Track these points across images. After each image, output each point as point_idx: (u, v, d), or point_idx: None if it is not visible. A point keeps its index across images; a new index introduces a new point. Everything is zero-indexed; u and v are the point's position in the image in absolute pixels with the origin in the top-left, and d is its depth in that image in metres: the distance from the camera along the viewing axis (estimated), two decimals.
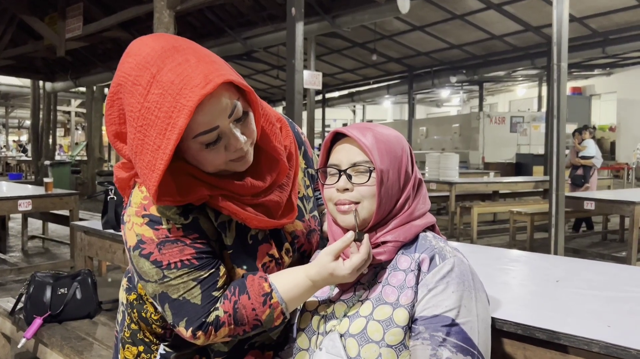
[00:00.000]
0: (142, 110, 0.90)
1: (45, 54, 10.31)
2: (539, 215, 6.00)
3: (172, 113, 0.88)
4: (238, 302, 1.00)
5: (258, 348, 1.14)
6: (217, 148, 0.95)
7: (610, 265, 1.83)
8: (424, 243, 1.03)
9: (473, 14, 9.71)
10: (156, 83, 0.89)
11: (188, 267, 0.99)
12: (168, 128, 0.89)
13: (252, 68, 14.35)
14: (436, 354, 0.93)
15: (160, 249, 0.99)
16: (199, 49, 0.95)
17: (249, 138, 0.99)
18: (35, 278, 2.59)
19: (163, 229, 0.99)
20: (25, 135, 29.16)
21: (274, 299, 1.00)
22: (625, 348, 1.03)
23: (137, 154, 0.94)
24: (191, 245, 1.00)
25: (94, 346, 2.30)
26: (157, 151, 0.90)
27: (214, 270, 1.01)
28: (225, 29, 8.91)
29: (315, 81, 7.42)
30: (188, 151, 0.96)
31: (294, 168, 1.11)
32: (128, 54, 0.94)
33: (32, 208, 4.60)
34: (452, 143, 16.52)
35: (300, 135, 1.24)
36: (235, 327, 1.00)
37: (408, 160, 1.06)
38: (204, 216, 1.03)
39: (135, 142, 0.93)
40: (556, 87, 4.57)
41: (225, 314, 0.99)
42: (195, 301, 0.99)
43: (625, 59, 14.22)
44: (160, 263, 0.99)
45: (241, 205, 1.01)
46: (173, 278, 0.99)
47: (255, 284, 1.01)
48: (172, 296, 0.99)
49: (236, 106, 0.95)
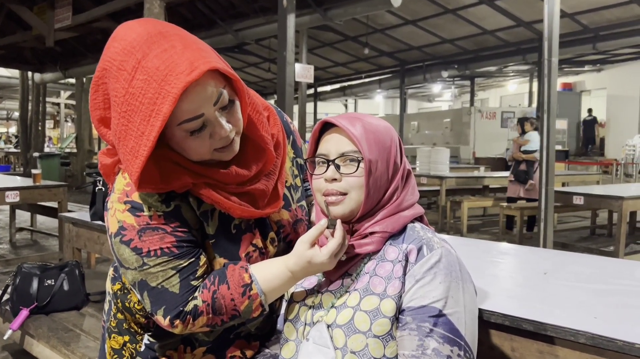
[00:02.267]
0: (126, 95, 0.89)
1: (34, 44, 10.17)
2: (528, 210, 6.04)
3: (156, 100, 0.87)
4: (217, 292, 0.99)
5: (244, 338, 1.13)
6: (202, 136, 0.94)
7: (598, 258, 1.84)
8: (412, 234, 1.02)
9: (465, 9, 9.71)
10: (141, 69, 0.88)
11: (168, 255, 0.98)
12: (152, 115, 0.88)
13: (244, 60, 14.28)
14: (423, 344, 0.93)
15: (140, 236, 0.98)
16: (185, 35, 0.94)
17: (235, 127, 0.98)
18: (21, 269, 2.57)
19: (144, 216, 0.98)
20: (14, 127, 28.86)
21: (254, 291, 1.00)
22: (611, 339, 1.04)
23: (121, 140, 0.93)
24: (172, 233, 0.99)
25: (81, 337, 2.29)
26: (141, 137, 0.89)
27: (194, 259, 1.00)
28: (216, 21, 8.84)
29: (307, 74, 7.41)
30: (173, 138, 0.95)
31: (281, 157, 1.10)
32: (114, 38, 0.93)
33: (19, 200, 4.55)
34: (443, 137, 16.55)
35: (289, 125, 1.23)
36: (214, 316, 1.00)
37: (397, 150, 1.06)
38: (186, 204, 1.02)
39: (119, 128, 0.92)
40: (547, 83, 4.59)
41: (203, 304, 0.99)
42: (174, 290, 0.98)
43: (616, 55, 14.34)
44: (140, 250, 0.98)
45: (225, 194, 1.00)
46: (152, 266, 0.98)
47: (235, 274, 1.01)
48: (151, 284, 0.99)
49: (222, 94, 0.94)
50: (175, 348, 1.12)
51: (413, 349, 0.94)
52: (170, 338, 1.11)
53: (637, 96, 16.87)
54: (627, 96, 17.05)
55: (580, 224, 7.78)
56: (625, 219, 4.86)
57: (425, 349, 0.93)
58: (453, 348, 0.93)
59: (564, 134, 15.72)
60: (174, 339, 1.11)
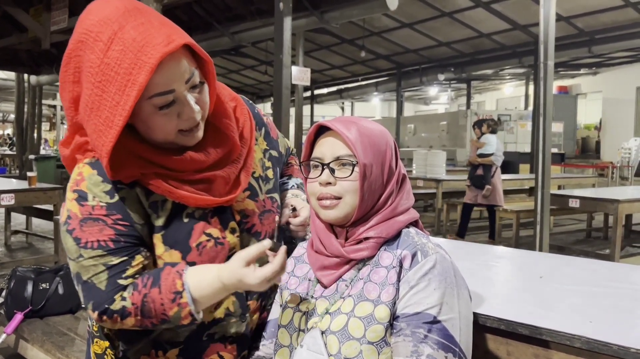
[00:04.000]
0: (101, 66, 0.90)
1: (30, 47, 10.15)
2: (524, 213, 6.05)
3: (132, 70, 0.88)
4: (147, 295, 0.98)
5: (219, 341, 1.10)
6: (170, 113, 0.95)
7: (593, 261, 1.84)
8: (407, 239, 1.02)
9: (461, 12, 9.73)
10: (117, 40, 0.89)
11: (103, 249, 0.98)
12: (128, 85, 0.89)
13: (241, 63, 14.28)
14: (417, 350, 0.93)
15: (82, 226, 0.98)
16: (160, 15, 0.97)
17: (202, 110, 0.99)
18: (16, 273, 2.56)
19: (88, 206, 0.98)
20: (10, 129, 28.77)
21: (184, 299, 0.98)
22: (607, 343, 1.03)
23: (93, 111, 0.93)
24: (112, 226, 0.98)
25: (75, 341, 2.28)
26: (116, 107, 0.90)
27: (127, 257, 0.99)
28: (212, 23, 8.83)
29: (304, 77, 7.40)
30: (140, 114, 0.95)
31: (246, 146, 1.10)
32: (89, 11, 0.94)
33: (14, 203, 4.53)
34: (439, 140, 16.58)
35: (261, 117, 1.23)
36: (142, 319, 0.99)
37: (392, 155, 1.05)
38: (133, 196, 1.01)
39: (92, 99, 0.92)
40: (542, 86, 4.60)
41: (132, 306, 0.98)
42: (100, 286, 0.98)
43: (611, 59, 14.38)
44: (79, 240, 0.98)
45: (176, 184, 1.00)
46: (86, 258, 0.98)
47: (169, 279, 0.99)
48: (83, 278, 0.99)
49: (194, 73, 0.96)
50: (147, 352, 1.10)
51: (407, 355, 0.93)
52: (138, 343, 1.09)
53: (633, 99, 16.95)
54: (622, 99, 17.12)
55: (577, 227, 7.81)
56: (621, 222, 4.87)
57: (420, 356, 0.92)
58: (447, 354, 0.93)
59: (560, 137, 15.77)
60: (142, 344, 1.09)
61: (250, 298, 1.13)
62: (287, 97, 5.32)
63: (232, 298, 1.09)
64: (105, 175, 0.99)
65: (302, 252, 1.16)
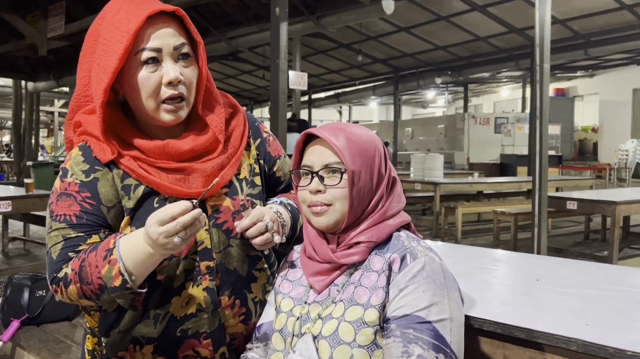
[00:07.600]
0: (109, 26, 1.03)
1: (27, 53, 10.14)
2: (522, 215, 6.05)
3: (128, 22, 1.01)
4: (85, 260, 1.01)
5: (193, 337, 1.10)
6: (155, 71, 1.03)
7: (590, 263, 1.84)
8: (397, 243, 1.02)
9: (458, 16, 9.76)
10: (126, 7, 1.03)
11: (66, 222, 1.04)
12: (124, 35, 1.01)
13: (238, 68, 14.31)
14: (407, 351, 0.93)
15: (57, 200, 1.06)
16: None
17: (187, 86, 1.05)
18: (12, 280, 2.55)
19: (66, 181, 1.07)
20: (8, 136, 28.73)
21: (113, 256, 0.99)
22: (603, 346, 1.03)
23: (99, 65, 1.03)
24: (79, 202, 1.05)
25: (72, 348, 2.27)
26: (113, 54, 1.01)
27: (83, 234, 1.04)
28: (209, 29, 8.85)
29: (301, 81, 7.41)
30: (127, 72, 1.03)
31: (235, 147, 1.15)
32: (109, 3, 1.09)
33: (12, 209, 4.52)
34: (437, 143, 16.61)
35: (260, 130, 1.26)
36: (82, 285, 1.01)
37: (381, 159, 1.06)
38: (109, 179, 1.06)
39: (98, 55, 1.04)
40: (539, 88, 4.61)
41: (72, 272, 1.01)
42: (53, 256, 1.04)
43: (607, 61, 14.43)
44: (53, 212, 1.06)
45: (153, 170, 1.05)
46: (53, 229, 1.05)
47: (106, 241, 1.02)
48: (47, 248, 1.05)
49: (184, 45, 1.05)
50: (125, 348, 1.11)
51: (398, 356, 0.93)
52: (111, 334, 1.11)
53: (629, 101, 17.00)
54: (619, 101, 17.18)
55: (575, 229, 7.81)
56: (618, 224, 4.87)
57: (410, 356, 0.92)
58: (438, 355, 0.93)
59: (557, 139, 15.80)
60: (118, 336, 1.11)
61: (222, 294, 1.12)
62: (284, 102, 5.32)
63: (203, 293, 1.10)
64: (88, 157, 1.07)
65: (297, 257, 1.16)
